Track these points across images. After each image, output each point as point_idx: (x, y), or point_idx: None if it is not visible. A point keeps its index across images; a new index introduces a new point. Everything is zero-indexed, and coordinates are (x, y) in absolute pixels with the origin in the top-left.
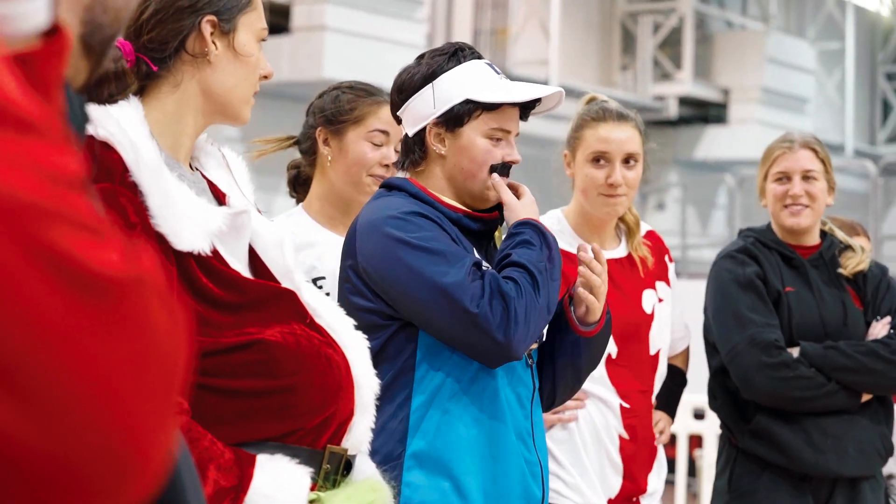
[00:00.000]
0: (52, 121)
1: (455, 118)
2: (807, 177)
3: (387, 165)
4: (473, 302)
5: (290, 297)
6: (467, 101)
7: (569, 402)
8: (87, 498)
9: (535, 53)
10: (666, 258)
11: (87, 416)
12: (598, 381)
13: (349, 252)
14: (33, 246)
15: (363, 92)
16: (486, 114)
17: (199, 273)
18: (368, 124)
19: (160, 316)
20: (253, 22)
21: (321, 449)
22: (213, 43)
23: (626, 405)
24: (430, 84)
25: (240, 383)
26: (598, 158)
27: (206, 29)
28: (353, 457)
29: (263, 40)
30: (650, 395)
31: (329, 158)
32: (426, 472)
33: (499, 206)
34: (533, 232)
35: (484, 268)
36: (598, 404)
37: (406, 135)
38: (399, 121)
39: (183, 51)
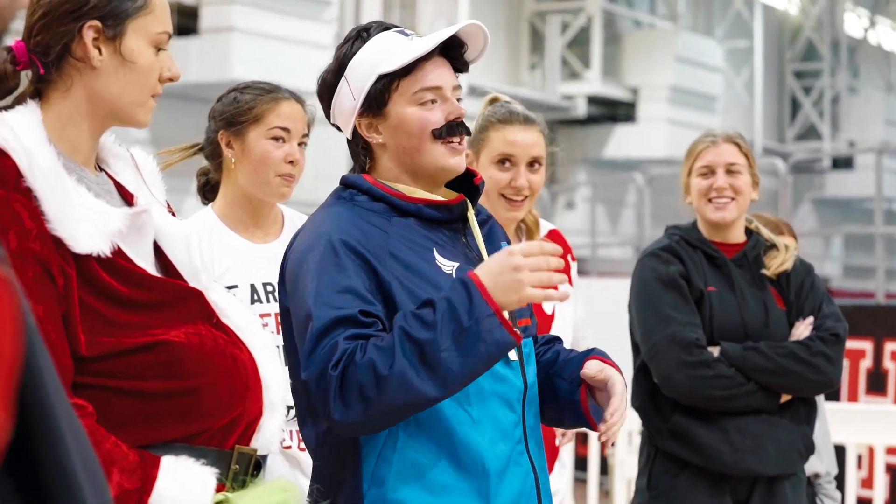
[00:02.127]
0: None
1: (376, 100)
2: (731, 170)
3: (292, 162)
4: (306, 367)
5: (197, 297)
6: (380, 78)
7: None
8: None
9: None
10: (568, 257)
11: None
12: None
13: (283, 258)
14: None
15: (261, 91)
16: (404, 81)
17: (103, 273)
18: (268, 122)
19: None
20: (147, 26)
21: (229, 449)
22: (98, 48)
23: None
24: (343, 77)
25: (144, 385)
26: (503, 160)
27: (89, 35)
28: (264, 457)
29: (163, 44)
30: None
31: (233, 161)
32: None
33: (464, 186)
34: (444, 303)
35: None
36: None
37: (347, 140)
38: (340, 129)
39: (69, 55)
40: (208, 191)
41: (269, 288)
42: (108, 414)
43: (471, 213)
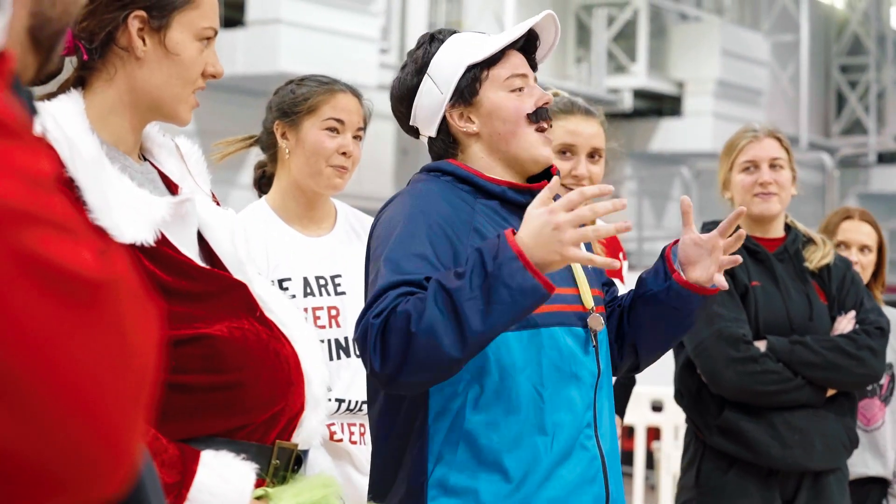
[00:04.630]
0: (23, 122)
1: (468, 89)
2: (774, 165)
3: (345, 153)
4: (357, 325)
5: (241, 289)
6: (470, 68)
7: None
8: (59, 496)
9: None
10: (620, 256)
11: (62, 416)
12: None
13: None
14: (14, 249)
15: (318, 83)
16: (494, 69)
17: (147, 262)
18: (323, 113)
19: (134, 316)
20: (193, 20)
21: (270, 444)
22: (143, 39)
23: None
24: (426, 75)
25: (186, 378)
26: (564, 151)
27: (134, 24)
28: (305, 452)
29: (208, 39)
30: None
31: (287, 152)
32: (455, 494)
33: (548, 174)
34: (475, 253)
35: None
36: None
37: (429, 139)
38: (416, 133)
39: (113, 44)
40: (264, 184)
41: (322, 281)
42: None
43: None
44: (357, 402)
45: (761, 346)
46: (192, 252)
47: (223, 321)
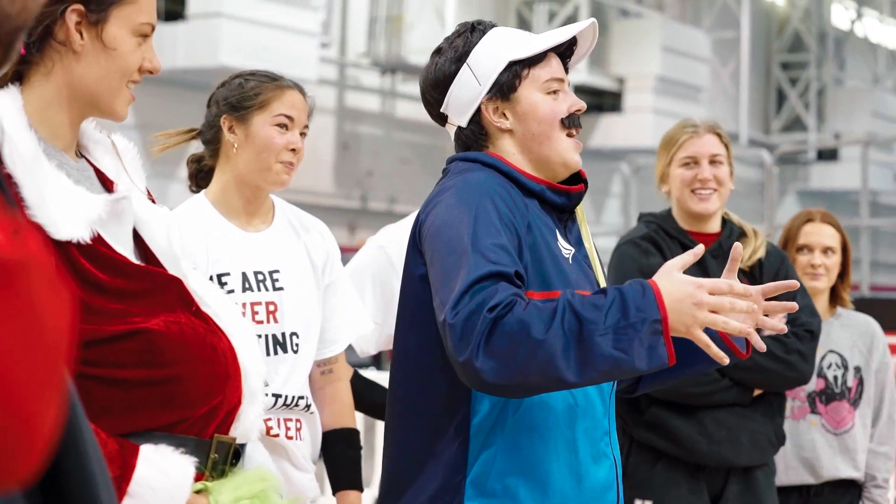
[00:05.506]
0: None
1: (507, 85)
2: (714, 161)
3: (294, 150)
4: (452, 309)
5: (177, 285)
6: (511, 64)
7: None
8: None
9: (430, 41)
10: None
11: None
12: None
13: (415, 225)
14: None
15: (266, 78)
16: (534, 69)
17: (83, 260)
18: (273, 109)
19: (45, 296)
20: (130, 15)
21: (209, 438)
22: (80, 32)
23: None
24: (465, 64)
25: (124, 373)
26: None
27: (72, 18)
28: (243, 446)
29: (145, 34)
30: None
31: (235, 146)
32: (490, 497)
33: (583, 179)
34: (615, 292)
35: (515, 289)
36: None
37: (459, 128)
38: (443, 120)
39: (51, 38)
40: (201, 178)
41: (261, 276)
42: (87, 402)
43: (580, 207)
44: (294, 398)
45: None
46: (127, 249)
47: (160, 316)
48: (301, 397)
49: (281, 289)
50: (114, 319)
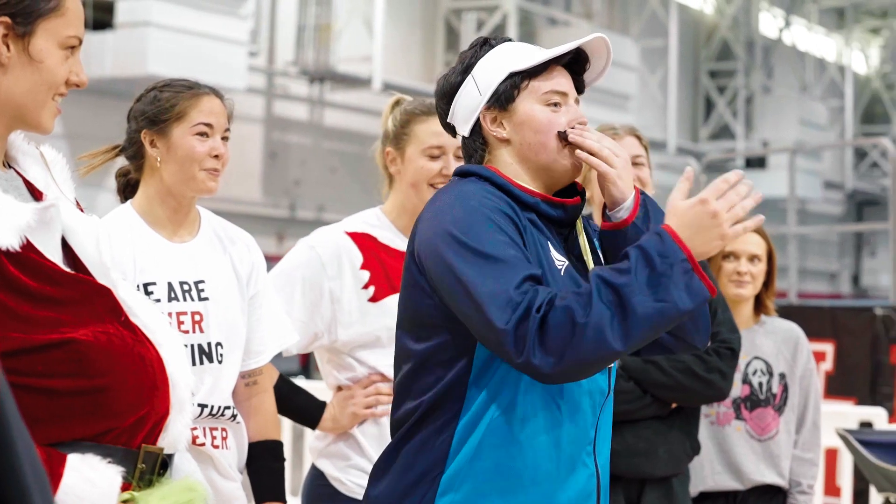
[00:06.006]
0: None
1: (505, 95)
2: (635, 163)
3: (217, 156)
4: (502, 318)
5: (106, 294)
6: (511, 75)
7: (381, 398)
8: None
9: (358, 50)
10: None
11: None
12: None
13: (412, 237)
14: None
15: (181, 88)
16: (534, 81)
17: (12, 268)
18: (191, 118)
19: None
20: (57, 28)
21: (136, 448)
22: (7, 45)
23: None
24: (470, 76)
25: (52, 382)
26: (433, 151)
27: None
28: (170, 456)
29: (73, 47)
30: None
31: (158, 160)
32: (462, 496)
33: (579, 191)
34: (636, 250)
35: (541, 284)
36: None
37: (463, 137)
38: (452, 131)
39: None
40: (129, 191)
41: (186, 287)
42: None
43: (580, 221)
44: (220, 407)
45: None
46: (56, 258)
47: (88, 326)
48: (227, 407)
49: (206, 299)
50: (43, 328)
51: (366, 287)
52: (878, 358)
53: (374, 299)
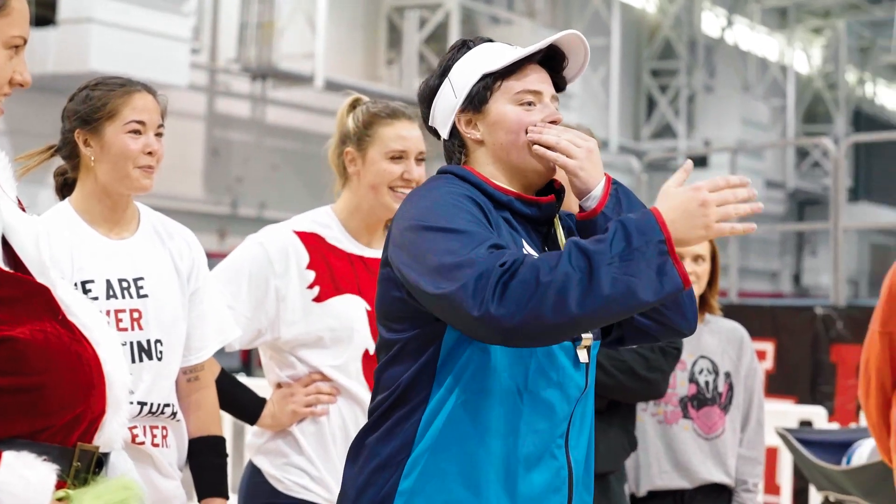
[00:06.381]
0: None
1: (479, 97)
2: None
3: (151, 153)
4: (464, 276)
5: (44, 293)
6: (484, 77)
7: (322, 397)
8: None
9: (301, 47)
10: None
11: None
12: (352, 377)
13: (388, 238)
14: None
15: (113, 85)
16: (507, 81)
17: None
18: (124, 116)
19: None
20: (2, 28)
21: (72, 446)
22: None
23: None
24: (447, 78)
25: None
26: (395, 154)
27: None
28: (106, 454)
29: (17, 47)
30: None
31: (92, 159)
32: (425, 481)
33: (556, 190)
34: (616, 223)
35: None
36: (349, 399)
37: (444, 141)
38: (436, 135)
39: None
40: (67, 190)
41: (125, 284)
42: None
43: (557, 219)
44: (159, 405)
45: None
46: None
47: (26, 324)
48: (167, 405)
49: (145, 296)
50: None
51: (311, 287)
52: (819, 357)
53: (318, 299)
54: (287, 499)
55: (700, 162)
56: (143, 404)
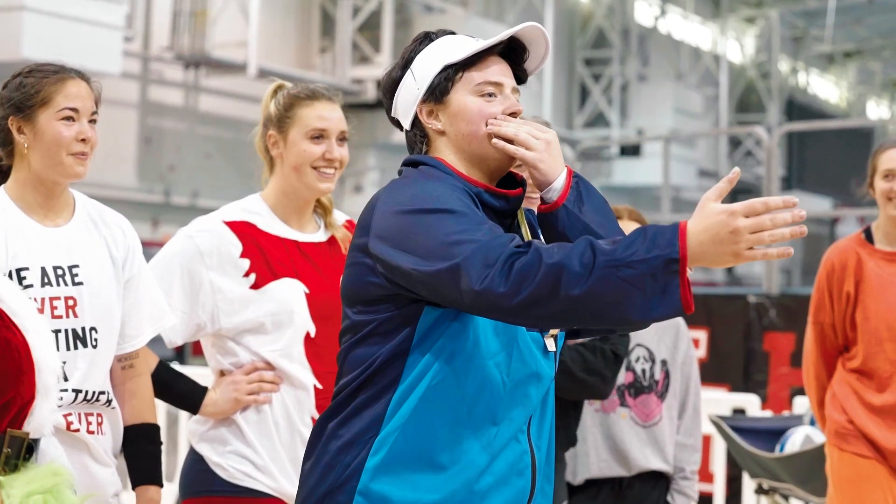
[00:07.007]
0: None
1: (440, 88)
2: None
3: (84, 140)
4: (477, 245)
5: None
6: (445, 68)
7: (265, 385)
8: None
9: (234, 35)
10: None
11: None
12: (295, 360)
13: (363, 227)
14: None
15: (46, 72)
16: (468, 72)
17: None
18: (57, 103)
19: None
20: None
21: (1, 433)
22: None
23: (319, 386)
24: (409, 70)
25: None
26: (316, 134)
27: None
28: (36, 441)
29: None
30: None
31: (26, 146)
32: (393, 459)
33: (519, 182)
34: (639, 231)
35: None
36: (292, 385)
37: (406, 131)
38: (399, 125)
39: None
40: (1, 178)
41: (60, 272)
42: None
43: (521, 211)
44: (94, 393)
45: None
46: None
47: None
48: (102, 392)
49: (80, 283)
50: None
51: (247, 275)
52: (751, 345)
53: (255, 286)
54: (230, 486)
55: (633, 151)
56: (77, 392)
